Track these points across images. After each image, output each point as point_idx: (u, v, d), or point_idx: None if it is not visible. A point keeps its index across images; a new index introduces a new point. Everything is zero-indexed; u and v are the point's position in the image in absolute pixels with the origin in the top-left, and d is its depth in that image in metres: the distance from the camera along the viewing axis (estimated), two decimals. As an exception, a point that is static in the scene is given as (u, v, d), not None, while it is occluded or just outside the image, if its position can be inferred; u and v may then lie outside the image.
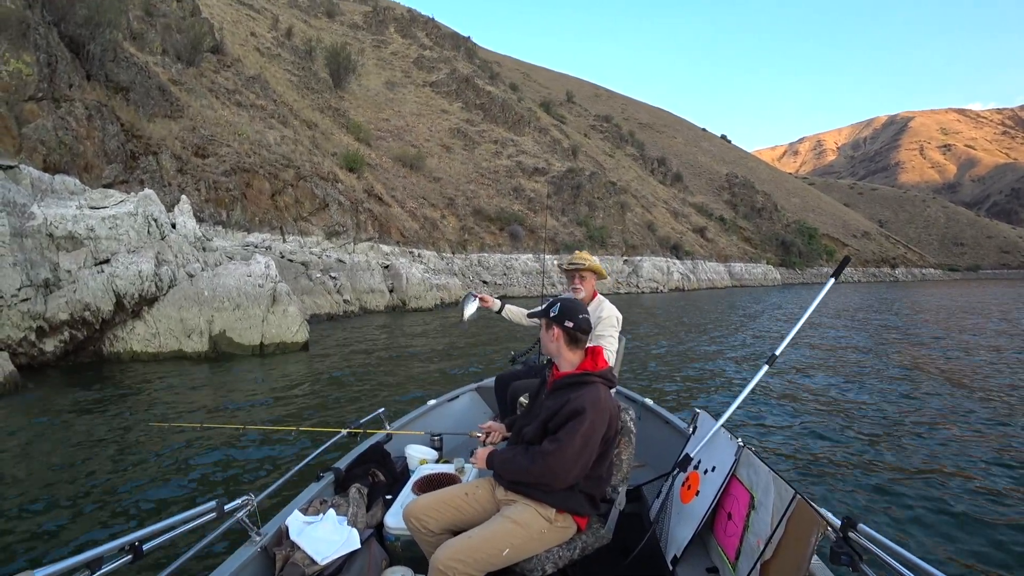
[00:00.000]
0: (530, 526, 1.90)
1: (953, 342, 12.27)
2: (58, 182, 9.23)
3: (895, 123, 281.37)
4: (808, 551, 1.56)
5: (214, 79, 23.95)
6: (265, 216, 18.61)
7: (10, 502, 3.64)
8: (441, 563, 1.73)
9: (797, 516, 1.67)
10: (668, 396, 7.01)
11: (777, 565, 1.69)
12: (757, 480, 1.96)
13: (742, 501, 1.99)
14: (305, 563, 1.95)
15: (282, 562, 1.96)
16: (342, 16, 60.86)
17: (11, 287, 7.57)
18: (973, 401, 6.70)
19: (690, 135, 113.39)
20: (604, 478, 2.03)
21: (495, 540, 1.84)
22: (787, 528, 1.69)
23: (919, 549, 3.20)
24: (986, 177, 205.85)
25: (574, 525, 1.99)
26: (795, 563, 1.60)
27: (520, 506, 1.95)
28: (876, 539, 1.44)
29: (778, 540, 1.71)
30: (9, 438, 4.99)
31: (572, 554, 1.98)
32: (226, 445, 4.70)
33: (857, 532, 1.49)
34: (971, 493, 4.02)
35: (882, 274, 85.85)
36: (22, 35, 13.08)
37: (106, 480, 4.01)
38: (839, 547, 1.49)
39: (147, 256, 8.83)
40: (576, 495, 1.95)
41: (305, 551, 1.98)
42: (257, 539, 1.98)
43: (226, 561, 1.85)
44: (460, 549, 1.78)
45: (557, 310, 2.07)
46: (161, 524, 1.60)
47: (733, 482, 2.09)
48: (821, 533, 1.55)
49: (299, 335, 9.76)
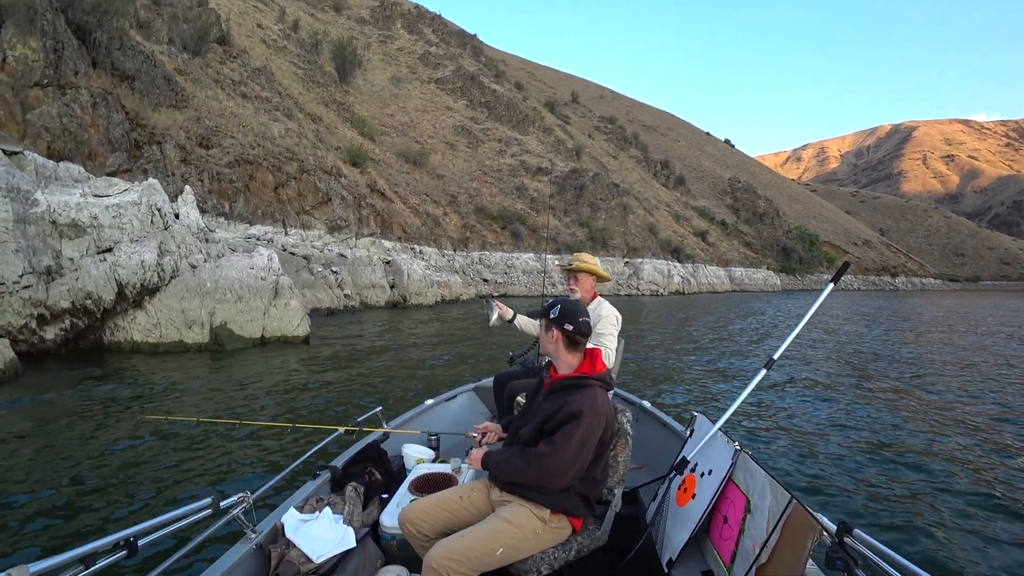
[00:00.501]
0: (524, 526, 1.89)
1: (953, 350, 12.28)
2: (62, 169, 9.20)
3: (899, 132, 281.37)
4: (804, 555, 1.56)
5: (219, 70, 23.90)
6: (268, 209, 18.59)
7: (2, 495, 3.61)
8: (435, 562, 1.72)
9: (793, 520, 1.67)
10: (665, 398, 7.01)
11: (772, 569, 1.68)
12: (753, 484, 1.95)
13: (738, 505, 1.98)
14: (300, 561, 1.94)
15: (277, 560, 1.95)
16: (349, 10, 60.77)
17: (13, 274, 7.54)
18: (971, 408, 6.71)
19: (694, 139, 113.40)
20: (599, 480, 2.02)
21: (489, 540, 1.83)
22: (783, 532, 1.69)
23: (914, 555, 3.19)
24: (988, 188, 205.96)
25: (569, 526, 1.99)
26: (791, 567, 1.59)
27: (515, 506, 1.94)
28: (871, 544, 1.44)
29: (774, 544, 1.70)
30: (4, 428, 4.97)
31: (567, 555, 1.97)
32: (223, 442, 4.68)
33: (853, 537, 1.49)
34: (967, 499, 4.03)
35: (882, 282, 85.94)
36: (29, 21, 13.05)
37: (101, 474, 3.98)
38: (834, 552, 1.48)
39: (150, 246, 8.81)
40: (571, 496, 1.94)
41: (300, 549, 1.97)
42: (252, 536, 1.97)
43: (221, 558, 1.84)
44: (454, 548, 1.77)
45: (557, 312, 2.06)
46: (156, 520, 1.59)
47: (729, 486, 2.08)
48: (817, 538, 1.55)
49: (300, 329, 9.74)
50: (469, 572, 1.76)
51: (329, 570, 1.97)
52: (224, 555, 1.86)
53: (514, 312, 3.48)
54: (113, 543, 1.45)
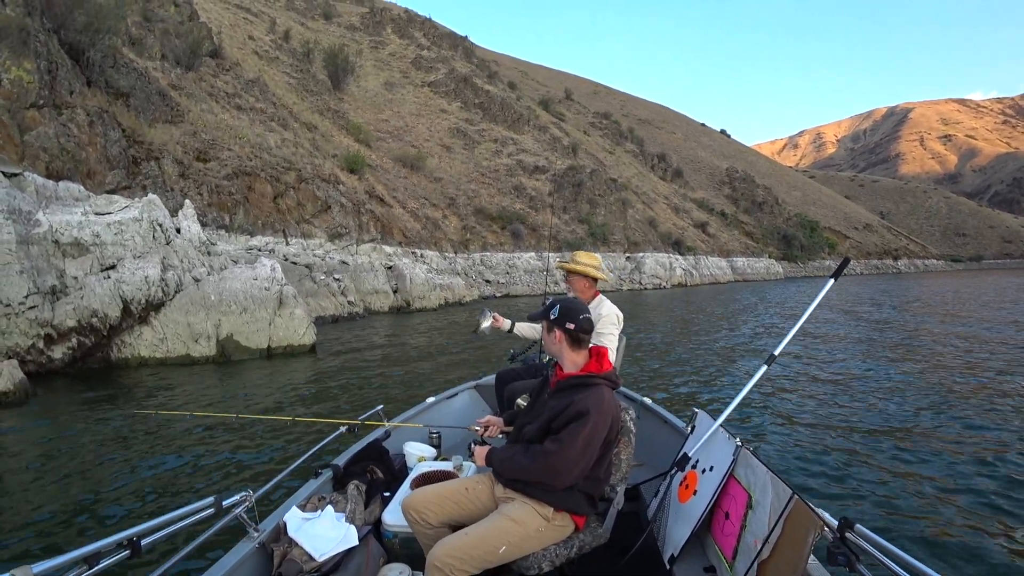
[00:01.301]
0: (527, 524, 1.89)
1: (956, 341, 12.20)
2: (62, 189, 9.22)
3: (895, 114, 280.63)
4: (805, 551, 1.56)
5: (213, 83, 23.93)
6: (267, 219, 18.61)
7: (9, 500, 3.65)
8: (438, 560, 1.73)
9: (794, 516, 1.67)
10: (667, 394, 6.99)
11: (774, 565, 1.68)
12: (755, 480, 1.95)
13: (740, 501, 1.99)
14: (303, 559, 1.94)
15: (280, 558, 1.95)
16: (339, 18, 60.83)
17: (18, 295, 7.56)
18: (974, 404, 6.61)
19: (689, 130, 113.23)
20: (602, 479, 2.03)
21: (492, 537, 1.84)
22: (784, 528, 1.69)
23: (916, 550, 3.16)
24: (987, 167, 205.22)
25: (572, 524, 1.99)
26: (792, 563, 1.60)
27: (518, 504, 1.94)
28: (873, 540, 1.44)
29: (775, 540, 1.71)
30: (14, 444, 5.00)
31: (569, 552, 1.98)
32: (225, 442, 4.71)
33: (854, 532, 1.49)
34: (970, 494, 3.99)
35: (884, 266, 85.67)
36: (23, 42, 13.08)
37: (103, 475, 4.03)
38: (836, 547, 1.49)
39: (153, 261, 8.82)
40: (575, 494, 1.94)
41: (303, 547, 1.97)
42: (255, 535, 1.97)
43: (224, 557, 1.84)
44: (457, 546, 1.78)
45: (557, 312, 2.05)
46: (159, 520, 1.60)
47: (731, 482, 2.08)
48: (818, 533, 1.55)
49: (306, 337, 9.74)
50: (472, 569, 1.77)
51: (331, 568, 1.98)
52: (227, 554, 1.86)
53: (512, 321, 3.47)
54: (116, 543, 1.45)
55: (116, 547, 1.45)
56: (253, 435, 4.86)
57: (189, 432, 5.05)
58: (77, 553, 1.33)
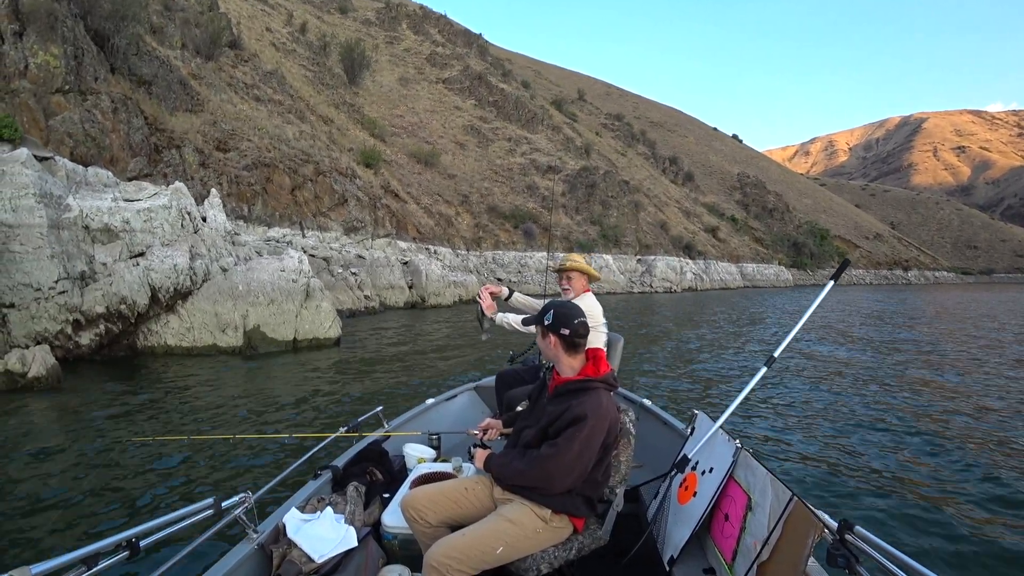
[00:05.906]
0: (525, 525, 1.90)
1: (957, 348, 12.04)
2: (92, 174, 9.17)
3: (908, 124, 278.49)
4: (805, 553, 1.56)
5: (232, 74, 23.92)
6: (285, 211, 18.56)
7: (9, 499, 3.62)
8: (435, 560, 1.73)
9: (794, 518, 1.67)
10: (666, 396, 6.94)
11: (774, 567, 1.68)
12: (755, 482, 1.94)
13: (739, 502, 1.99)
14: (302, 561, 1.95)
15: (279, 560, 1.95)
16: (355, 12, 60.85)
17: (49, 279, 7.51)
18: (973, 406, 6.60)
19: (701, 134, 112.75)
20: (601, 481, 2.03)
21: (489, 538, 1.84)
22: (784, 530, 1.69)
23: (916, 552, 3.17)
24: (1001, 180, 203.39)
25: (570, 526, 1.99)
26: (792, 565, 1.60)
27: (516, 505, 1.95)
28: (873, 541, 1.44)
29: (775, 542, 1.71)
30: (33, 434, 4.96)
31: (568, 555, 1.98)
32: (225, 443, 4.65)
33: (854, 534, 1.49)
34: (969, 496, 4.00)
35: (894, 276, 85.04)
36: (50, 27, 13.06)
37: (104, 476, 3.99)
38: (836, 549, 1.49)
39: (181, 249, 8.76)
40: (573, 497, 1.95)
41: (302, 549, 1.98)
42: (254, 536, 1.98)
43: (223, 558, 1.84)
44: (454, 547, 1.78)
45: (551, 318, 2.03)
46: (158, 521, 1.59)
47: (730, 483, 2.08)
48: (818, 535, 1.55)
49: (332, 331, 9.67)
50: (469, 570, 1.77)
51: (331, 570, 1.98)
52: (226, 555, 1.86)
53: (510, 290, 3.46)
54: (115, 544, 1.45)
55: (115, 548, 1.46)
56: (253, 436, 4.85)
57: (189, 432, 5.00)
58: (76, 554, 1.34)
